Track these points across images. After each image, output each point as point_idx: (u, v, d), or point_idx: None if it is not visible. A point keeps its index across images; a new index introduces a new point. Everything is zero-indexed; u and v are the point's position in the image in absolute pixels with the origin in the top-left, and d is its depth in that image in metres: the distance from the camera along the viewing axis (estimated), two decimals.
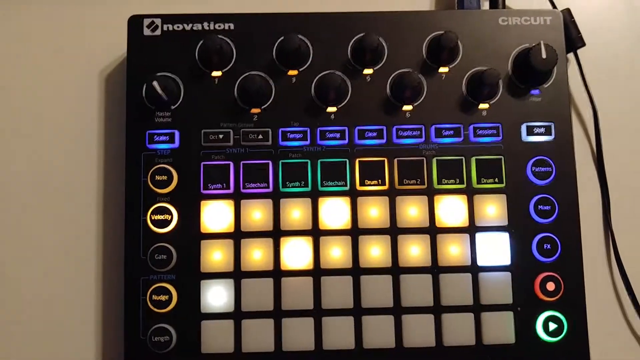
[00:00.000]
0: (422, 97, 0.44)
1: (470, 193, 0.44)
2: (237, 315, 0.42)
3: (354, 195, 0.43)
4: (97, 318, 0.45)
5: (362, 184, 0.43)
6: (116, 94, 0.47)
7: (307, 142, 0.44)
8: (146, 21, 0.44)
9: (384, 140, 0.44)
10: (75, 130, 0.47)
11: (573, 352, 0.42)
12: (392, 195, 0.43)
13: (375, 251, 0.43)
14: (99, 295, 0.45)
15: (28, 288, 0.45)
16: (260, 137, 0.44)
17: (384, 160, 0.44)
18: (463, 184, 0.44)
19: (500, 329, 0.42)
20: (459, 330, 0.42)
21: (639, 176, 0.48)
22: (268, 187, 0.43)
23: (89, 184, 0.46)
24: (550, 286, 0.43)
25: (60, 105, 0.47)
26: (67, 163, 0.47)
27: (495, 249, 0.43)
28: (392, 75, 0.44)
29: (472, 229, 0.43)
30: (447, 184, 0.44)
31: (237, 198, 0.43)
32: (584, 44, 0.47)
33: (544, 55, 0.43)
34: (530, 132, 0.44)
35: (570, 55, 0.47)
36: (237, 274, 0.43)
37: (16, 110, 0.47)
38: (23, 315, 0.45)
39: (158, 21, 0.44)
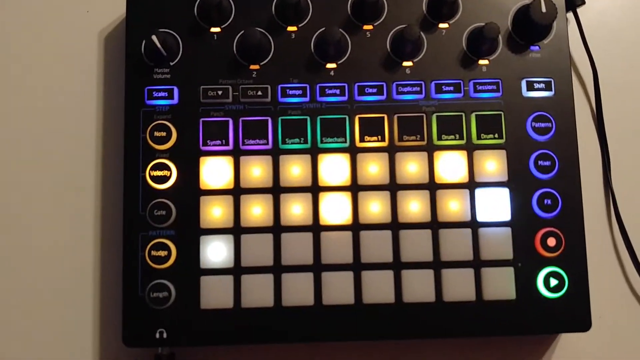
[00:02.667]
0: (422, 53, 0.44)
1: (470, 149, 0.43)
2: (237, 270, 0.42)
3: (353, 152, 0.43)
4: (95, 274, 0.45)
5: (361, 140, 0.43)
6: (115, 53, 0.47)
7: (307, 99, 0.44)
8: None
9: (383, 97, 0.44)
10: (75, 88, 0.47)
11: (574, 307, 0.42)
12: (392, 151, 0.43)
13: (374, 207, 0.43)
14: (97, 251, 0.45)
15: (26, 242, 0.45)
16: (259, 93, 0.44)
17: (384, 117, 0.44)
18: (463, 139, 0.43)
19: (501, 284, 0.42)
20: (459, 286, 0.42)
21: (638, 134, 0.48)
22: (267, 144, 0.43)
23: (88, 140, 0.46)
24: (551, 242, 0.43)
25: (60, 65, 0.47)
26: (67, 120, 0.47)
27: (495, 205, 0.43)
28: (392, 31, 0.44)
29: (471, 185, 0.43)
30: (447, 139, 0.43)
31: (237, 154, 0.43)
32: (584, 3, 0.47)
33: (543, 10, 0.43)
34: (530, 87, 0.44)
35: (570, 15, 0.47)
36: (236, 230, 0.42)
37: (15, 71, 0.47)
38: (20, 269, 0.45)
39: None
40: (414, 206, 0.43)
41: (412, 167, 0.43)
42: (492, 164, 0.43)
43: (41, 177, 0.46)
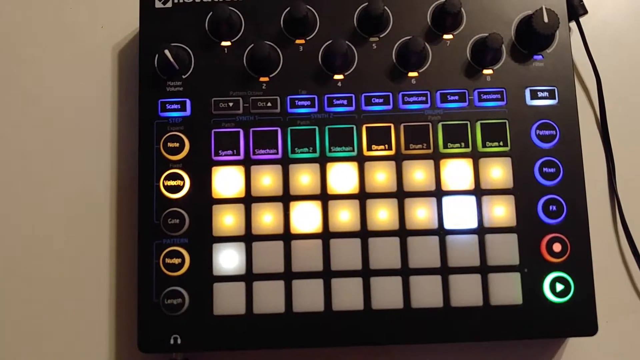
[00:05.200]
0: (427, 64, 0.45)
1: (475, 157, 0.44)
2: (249, 277, 0.43)
3: (361, 161, 0.44)
4: (110, 282, 0.46)
5: (369, 149, 0.44)
6: (129, 67, 0.48)
7: (315, 109, 0.45)
8: None
9: (390, 106, 0.45)
10: (90, 101, 0.48)
11: (580, 312, 0.43)
12: (398, 159, 0.44)
13: (382, 214, 0.44)
14: (113, 259, 0.46)
15: (42, 250, 0.47)
16: (269, 104, 0.45)
17: (391, 126, 0.45)
18: (468, 147, 0.44)
19: (508, 290, 0.43)
20: (466, 291, 0.43)
21: None
22: (277, 154, 0.44)
23: (103, 152, 0.48)
24: (557, 247, 0.43)
25: (75, 79, 0.49)
26: (82, 133, 0.48)
27: (501, 211, 0.44)
28: (398, 43, 0.45)
29: (477, 192, 0.44)
30: (453, 148, 0.44)
31: (247, 164, 0.44)
32: (586, 12, 0.48)
33: (546, 19, 0.44)
34: (534, 96, 0.45)
35: (573, 25, 0.48)
36: (248, 238, 0.43)
37: (31, 85, 0.49)
38: (37, 276, 0.46)
39: None
40: (421, 213, 0.44)
41: (418, 175, 0.44)
42: (498, 172, 0.44)
43: (57, 188, 0.47)
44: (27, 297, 0.46)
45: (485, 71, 0.45)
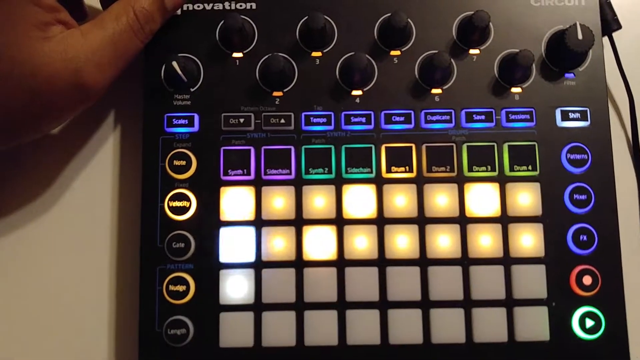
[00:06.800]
0: (452, 80, 0.42)
1: (502, 181, 0.42)
2: (258, 307, 0.40)
3: (379, 183, 0.42)
4: (110, 309, 0.43)
5: (388, 170, 0.42)
6: (134, 76, 0.46)
7: (331, 127, 0.42)
8: None
9: (411, 125, 0.42)
10: (91, 113, 0.45)
11: (611, 350, 0.40)
12: (420, 182, 0.42)
13: (402, 241, 0.41)
14: (113, 284, 0.43)
15: (41, 276, 0.44)
16: (282, 121, 0.42)
17: (412, 146, 0.42)
18: (495, 171, 0.42)
19: (534, 324, 0.40)
20: (490, 326, 0.40)
21: None
22: (290, 174, 0.42)
23: (104, 169, 0.45)
24: (587, 280, 0.40)
25: None
26: (83, 147, 0.45)
27: (528, 240, 0.41)
28: (421, 57, 0.42)
29: (504, 219, 0.41)
30: (478, 171, 0.41)
31: (258, 184, 0.42)
32: (620, 27, 0.45)
33: (580, 36, 0.41)
34: (565, 117, 0.42)
35: (605, 40, 0.46)
36: (257, 264, 0.41)
37: None
38: (36, 304, 0.43)
39: None
40: (444, 241, 0.41)
41: (441, 199, 0.41)
42: (526, 197, 0.41)
43: (56, 207, 0.44)
44: (22, 326, 0.43)
45: (514, 89, 0.42)
